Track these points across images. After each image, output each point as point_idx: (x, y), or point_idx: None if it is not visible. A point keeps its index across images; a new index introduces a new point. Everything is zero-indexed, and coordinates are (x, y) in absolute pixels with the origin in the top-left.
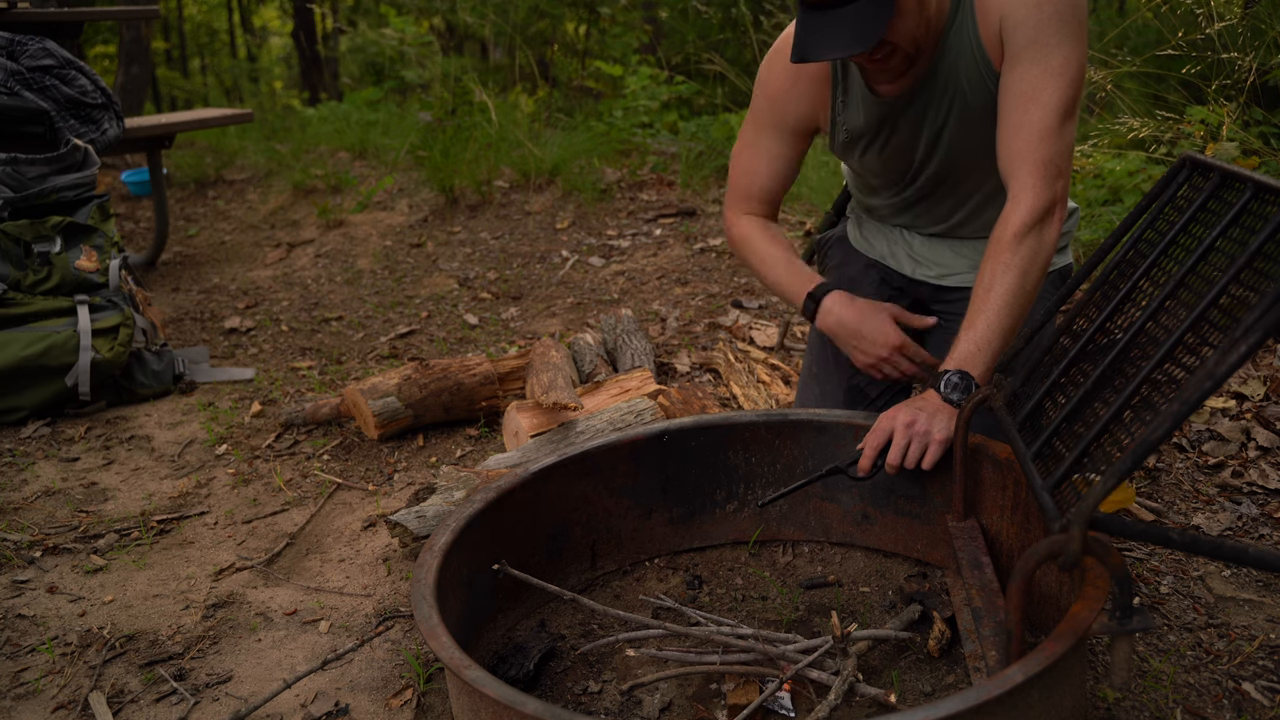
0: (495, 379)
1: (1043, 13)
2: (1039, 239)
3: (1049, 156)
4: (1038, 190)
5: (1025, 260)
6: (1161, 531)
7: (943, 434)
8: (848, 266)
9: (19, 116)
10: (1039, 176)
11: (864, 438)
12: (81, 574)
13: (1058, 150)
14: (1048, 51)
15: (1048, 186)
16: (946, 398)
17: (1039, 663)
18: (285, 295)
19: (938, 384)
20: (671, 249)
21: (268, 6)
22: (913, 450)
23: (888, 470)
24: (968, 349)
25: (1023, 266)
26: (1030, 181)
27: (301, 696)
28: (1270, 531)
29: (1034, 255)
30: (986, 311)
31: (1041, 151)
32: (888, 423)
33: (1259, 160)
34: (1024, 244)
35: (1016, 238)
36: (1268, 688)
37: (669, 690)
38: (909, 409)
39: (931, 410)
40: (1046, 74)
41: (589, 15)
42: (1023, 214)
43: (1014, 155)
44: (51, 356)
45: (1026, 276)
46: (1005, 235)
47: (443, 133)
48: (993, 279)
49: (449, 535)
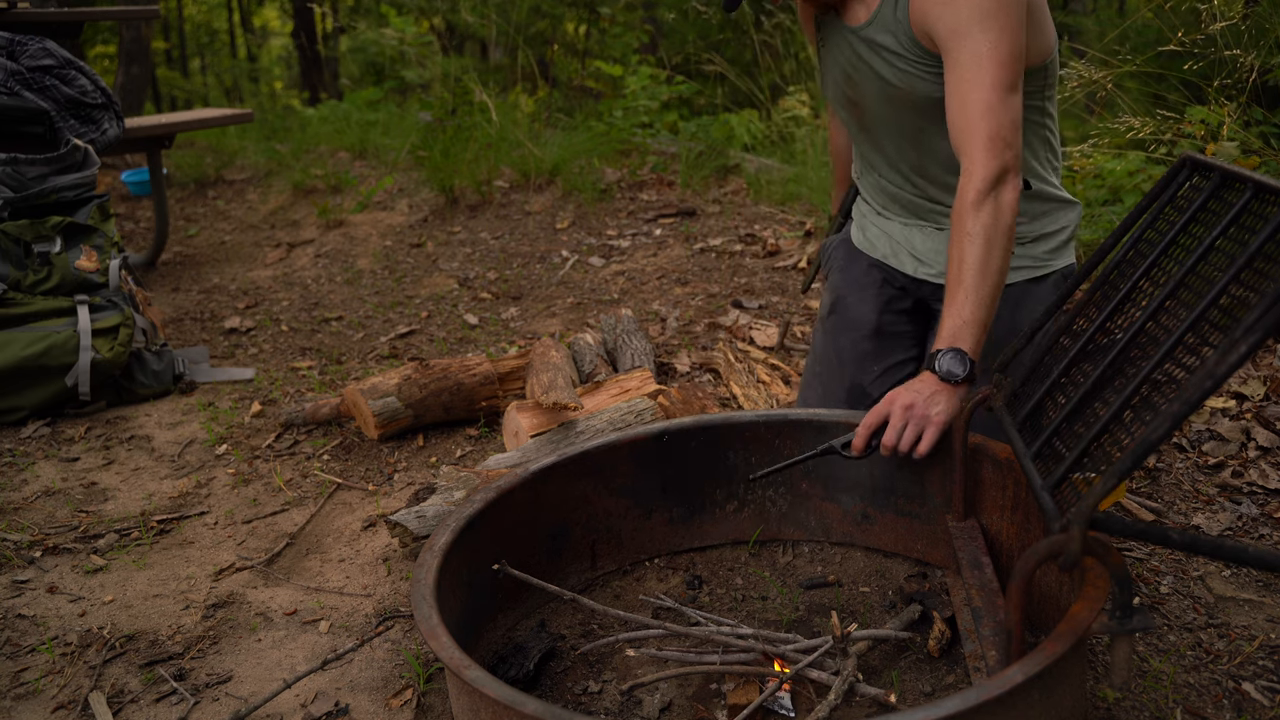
0: (495, 379)
1: (968, 4)
2: (995, 204)
3: (994, 130)
4: (986, 161)
5: (986, 226)
6: (1161, 531)
7: (941, 416)
8: (851, 268)
9: (19, 116)
10: (986, 149)
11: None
12: (81, 574)
13: (1001, 123)
14: (971, 40)
15: (996, 156)
16: (944, 377)
17: (1039, 663)
18: (285, 295)
19: (932, 365)
20: (671, 249)
21: (268, 6)
22: (908, 433)
23: (883, 452)
24: (954, 324)
25: (985, 233)
26: (978, 155)
27: (301, 696)
28: (1270, 531)
29: (994, 220)
30: (963, 284)
31: (985, 127)
32: (885, 405)
33: (1259, 160)
34: (981, 211)
35: (973, 206)
36: (1268, 688)
37: (669, 690)
38: (908, 391)
39: (930, 392)
40: (976, 59)
41: (589, 15)
42: (975, 184)
43: (961, 136)
44: (51, 356)
45: (991, 243)
46: (962, 207)
47: (443, 133)
48: (960, 252)
49: (449, 535)
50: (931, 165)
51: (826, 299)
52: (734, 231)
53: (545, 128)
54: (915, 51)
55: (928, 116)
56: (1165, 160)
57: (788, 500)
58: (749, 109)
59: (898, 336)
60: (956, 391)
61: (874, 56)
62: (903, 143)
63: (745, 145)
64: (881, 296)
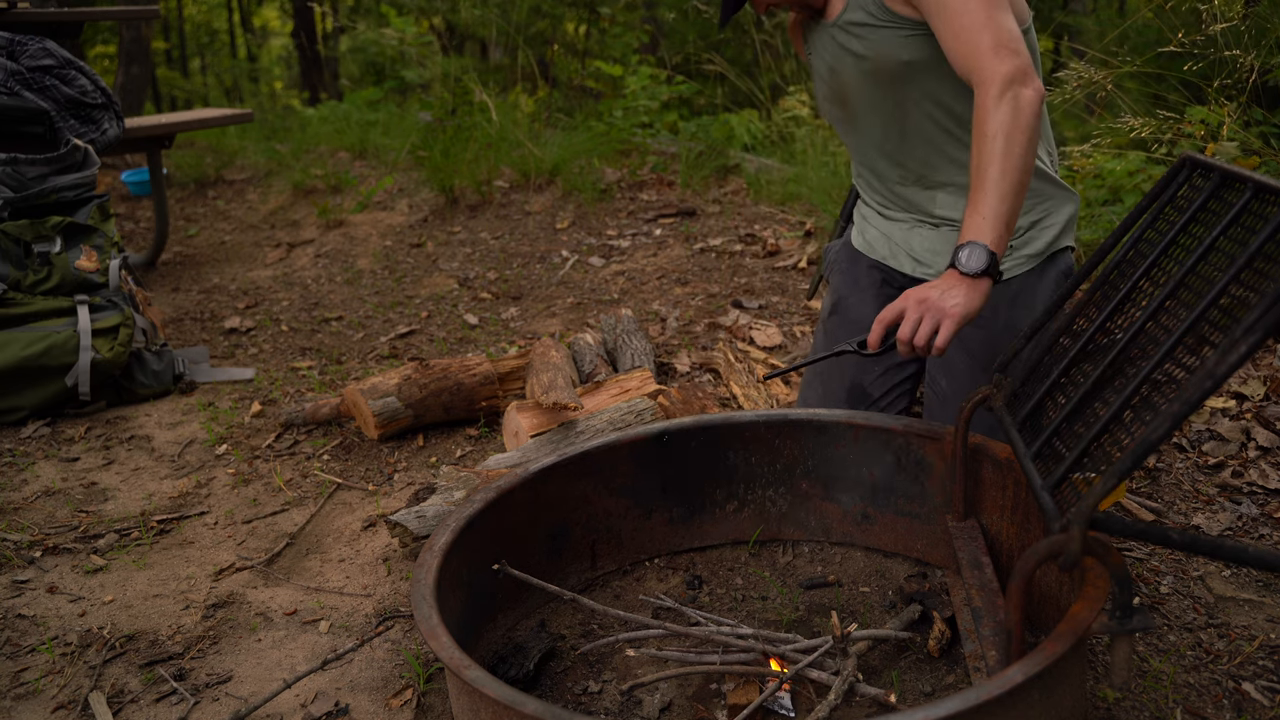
0: (495, 379)
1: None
2: (1015, 102)
3: (996, 38)
4: (997, 64)
5: (1004, 123)
6: (1161, 531)
7: (958, 310)
8: (852, 269)
9: (19, 116)
10: (993, 54)
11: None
12: (81, 574)
13: (1001, 31)
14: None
15: (1006, 59)
16: (964, 270)
17: (1039, 663)
18: (285, 295)
19: (953, 260)
20: (671, 249)
21: (268, 6)
22: (924, 327)
23: (899, 347)
24: (975, 221)
25: (1004, 130)
26: (988, 61)
27: (301, 696)
28: (1270, 531)
29: (1013, 115)
30: (983, 183)
31: (987, 38)
32: (902, 300)
33: (1259, 160)
34: (1000, 109)
35: (990, 107)
36: (1268, 688)
37: (669, 690)
38: (925, 287)
39: (947, 285)
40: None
41: (589, 15)
42: (990, 88)
43: (965, 59)
44: (51, 356)
45: (1010, 139)
46: (981, 114)
47: (443, 133)
48: (979, 153)
49: (449, 535)
50: (916, 145)
51: (828, 300)
52: (734, 231)
53: (545, 128)
54: (884, 17)
55: (904, 86)
56: (1165, 160)
57: (788, 500)
58: (749, 109)
59: None
60: (977, 285)
61: (849, 39)
62: (888, 126)
63: (745, 145)
64: (881, 297)
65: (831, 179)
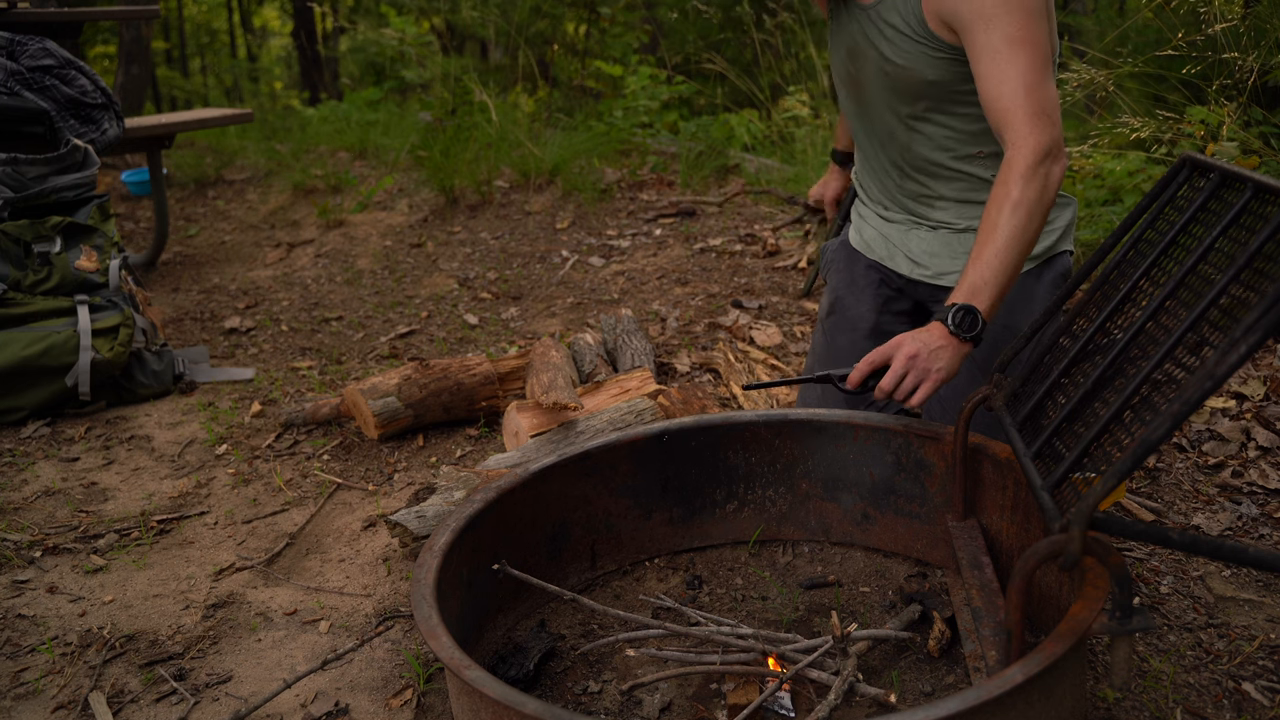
0: (495, 379)
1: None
2: (1045, 178)
3: (1039, 105)
4: (1036, 134)
5: (1032, 199)
6: (1161, 531)
7: (942, 373)
8: (850, 269)
9: (19, 116)
10: (1032, 123)
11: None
12: (81, 574)
13: (1045, 100)
14: (1000, 24)
15: (1046, 130)
16: (953, 331)
17: (1039, 663)
18: (285, 295)
19: (945, 317)
20: (671, 249)
21: (268, 6)
22: (907, 382)
23: (876, 394)
24: (975, 282)
25: (1029, 205)
26: (1025, 128)
27: (301, 696)
28: (1270, 531)
29: (1040, 194)
30: (994, 245)
31: (1030, 103)
32: (891, 347)
33: (1259, 160)
34: (1031, 182)
35: (1023, 176)
36: (1268, 688)
37: (669, 690)
38: (914, 340)
39: (936, 345)
40: (1009, 41)
41: (589, 15)
42: (1026, 154)
43: (1002, 115)
44: (51, 356)
45: (1032, 216)
46: (1011, 175)
47: (443, 133)
48: (999, 215)
49: (449, 535)
50: (913, 158)
51: (826, 299)
52: (734, 231)
53: (545, 128)
54: (919, 32)
55: (922, 102)
56: (1165, 160)
57: (788, 500)
58: (749, 109)
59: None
60: (961, 348)
61: (879, 35)
62: (895, 130)
63: (745, 145)
64: (879, 297)
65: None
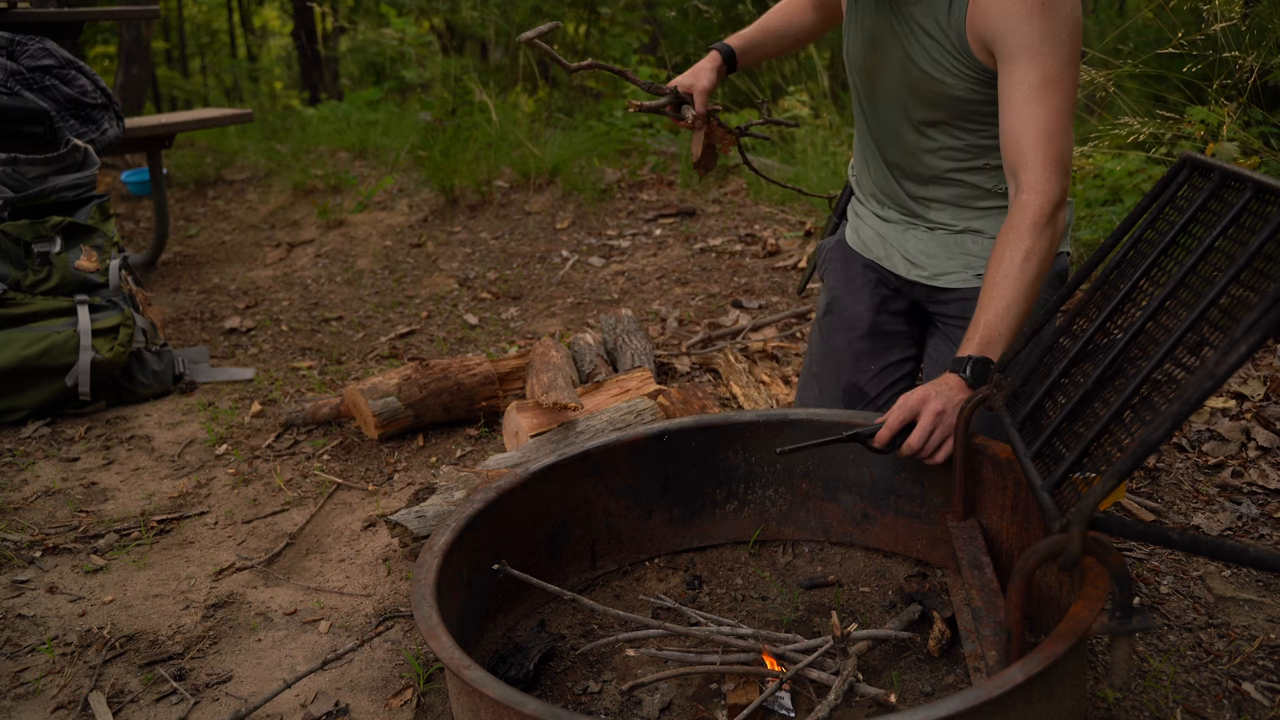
0: (495, 379)
1: (1034, 27)
2: (1054, 229)
3: (1058, 153)
4: (1051, 184)
5: (1044, 249)
6: (1161, 531)
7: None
8: (846, 268)
9: (19, 116)
10: (1050, 171)
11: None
12: (81, 574)
13: (1064, 148)
14: (1043, 60)
15: (1059, 181)
16: (970, 384)
17: (1039, 663)
18: (285, 295)
19: (961, 370)
20: (671, 249)
21: (268, 6)
22: (934, 438)
23: (903, 451)
24: (989, 335)
25: (1040, 256)
26: (1042, 175)
27: (301, 696)
28: (1270, 531)
29: (1050, 244)
30: (1007, 297)
31: (1052, 149)
32: (917, 403)
33: (1259, 160)
34: (1044, 233)
35: (1037, 227)
36: (1268, 688)
37: (669, 690)
38: (937, 396)
39: (957, 399)
40: (1047, 80)
41: (589, 15)
42: (1042, 204)
43: (1021, 154)
44: (51, 356)
45: (1042, 266)
46: (1025, 223)
47: (443, 133)
48: (1012, 265)
49: (449, 535)
50: (916, 161)
51: (822, 299)
52: (734, 231)
53: (545, 128)
54: (959, 50)
55: (939, 112)
56: (1165, 160)
57: (788, 500)
58: (749, 109)
59: (893, 336)
60: (974, 396)
61: (908, 34)
62: (902, 129)
63: (745, 145)
64: (876, 296)
65: (831, 179)
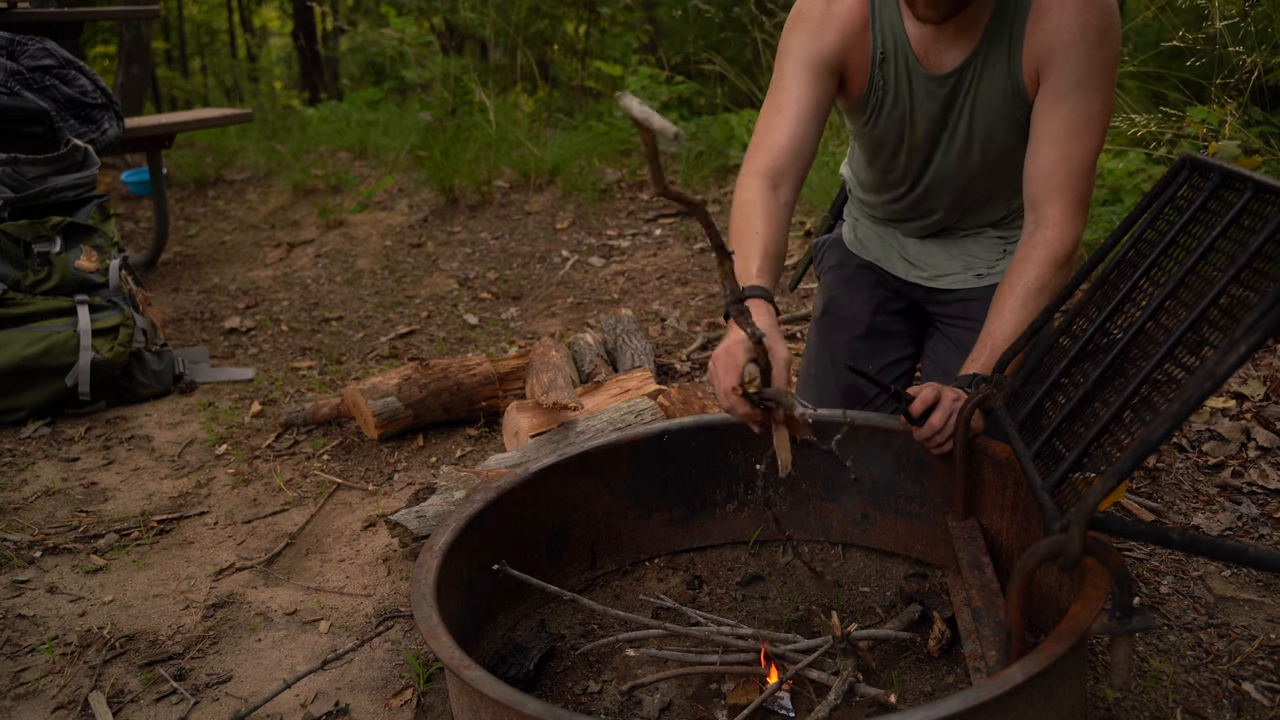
0: (495, 379)
1: (1091, 59)
2: (1070, 268)
3: (1084, 193)
4: (1078, 224)
5: (1058, 285)
6: (1161, 531)
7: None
8: (843, 268)
9: (19, 116)
10: (1076, 211)
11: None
12: (81, 574)
13: (1090, 186)
14: (1089, 97)
15: (1082, 220)
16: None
17: (1039, 663)
18: (285, 295)
19: (966, 386)
20: (671, 249)
21: (268, 6)
22: (953, 422)
23: (924, 430)
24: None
25: (1054, 290)
26: (1071, 214)
27: (301, 696)
28: (1270, 531)
29: (1063, 282)
30: (1015, 325)
31: (1080, 188)
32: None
33: (1260, 160)
34: (1062, 271)
35: (1056, 263)
36: (1268, 688)
37: (669, 690)
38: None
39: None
40: (1089, 118)
41: (589, 15)
42: (1065, 243)
43: (1056, 186)
44: (51, 356)
45: (1053, 300)
46: (1046, 257)
47: (443, 133)
48: (1027, 294)
49: (449, 535)
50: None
51: (820, 299)
52: None
53: (545, 128)
54: (1016, 98)
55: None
56: (1165, 160)
57: (788, 500)
58: (749, 109)
59: (892, 336)
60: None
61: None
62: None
63: (745, 145)
64: (874, 297)
65: (831, 179)
